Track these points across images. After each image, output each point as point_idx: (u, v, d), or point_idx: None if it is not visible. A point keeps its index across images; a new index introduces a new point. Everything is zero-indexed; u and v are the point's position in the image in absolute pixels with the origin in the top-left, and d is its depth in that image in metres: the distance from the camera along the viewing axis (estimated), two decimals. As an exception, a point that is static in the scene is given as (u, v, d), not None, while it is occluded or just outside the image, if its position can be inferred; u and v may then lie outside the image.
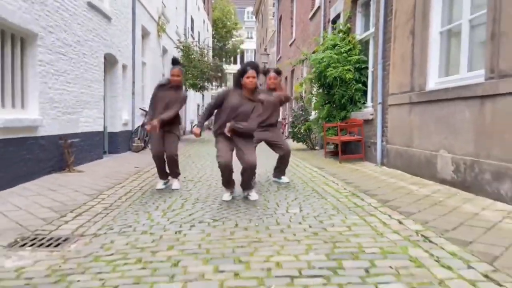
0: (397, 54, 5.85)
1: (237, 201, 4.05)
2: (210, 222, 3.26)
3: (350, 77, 7.44)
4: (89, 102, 7.16)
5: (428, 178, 4.81)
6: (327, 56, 7.75)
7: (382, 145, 6.33)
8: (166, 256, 2.45)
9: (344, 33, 8.22)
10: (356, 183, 4.88)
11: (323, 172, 5.88)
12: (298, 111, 10.60)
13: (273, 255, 2.38)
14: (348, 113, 7.84)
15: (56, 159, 5.91)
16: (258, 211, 3.57)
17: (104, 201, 4.22)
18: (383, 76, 6.33)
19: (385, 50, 6.31)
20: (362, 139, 7.03)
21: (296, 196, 4.19)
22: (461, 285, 1.90)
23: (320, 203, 3.82)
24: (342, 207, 3.63)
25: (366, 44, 7.83)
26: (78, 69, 6.66)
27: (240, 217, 3.39)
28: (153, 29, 12.31)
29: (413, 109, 5.31)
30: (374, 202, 3.77)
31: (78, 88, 6.67)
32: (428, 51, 5.08)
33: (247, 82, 3.98)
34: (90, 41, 7.14)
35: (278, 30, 20.57)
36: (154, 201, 4.18)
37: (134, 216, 3.56)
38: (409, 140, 5.38)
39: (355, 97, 7.64)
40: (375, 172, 5.75)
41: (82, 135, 6.87)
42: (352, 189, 4.48)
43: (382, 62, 6.32)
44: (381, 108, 6.35)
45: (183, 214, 3.54)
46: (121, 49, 8.97)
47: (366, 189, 4.45)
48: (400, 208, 3.48)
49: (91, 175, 5.83)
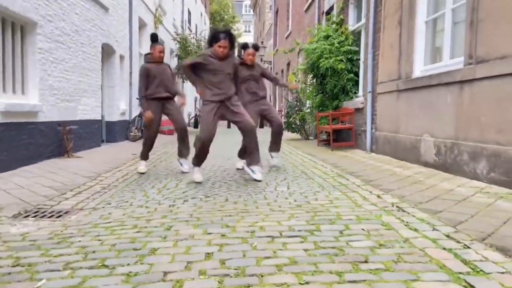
0: (386, 43, 6.04)
1: (229, 181, 4.25)
2: (202, 198, 3.47)
3: (342, 67, 7.63)
4: (87, 91, 7.34)
5: (413, 162, 5.03)
6: (320, 47, 7.94)
7: (371, 132, 6.54)
8: (160, 222, 2.66)
9: (337, 24, 8.40)
10: (343, 166, 5.09)
11: (314, 158, 6.09)
12: (293, 101, 10.79)
13: (258, 222, 2.59)
14: (340, 103, 8.04)
15: (55, 144, 6.11)
16: (248, 189, 3.78)
17: (102, 182, 4.42)
18: (373, 65, 6.53)
19: (375, 40, 6.50)
20: (353, 127, 7.25)
21: (285, 177, 4.40)
22: (423, 242, 2.11)
23: (307, 183, 4.04)
24: (327, 185, 3.85)
25: (358, 35, 8.02)
26: (76, 58, 6.83)
27: (231, 194, 3.60)
28: (150, 20, 12.44)
29: (400, 96, 5.51)
30: (358, 182, 3.98)
31: (76, 77, 6.85)
32: (414, 40, 5.28)
33: (217, 51, 4.06)
34: (87, 31, 7.30)
35: (275, 23, 20.70)
36: (150, 181, 4.38)
37: (130, 193, 3.77)
38: (396, 127, 5.59)
39: (347, 87, 7.84)
40: (363, 158, 5.97)
41: (81, 123, 7.05)
42: (339, 171, 4.70)
43: (372, 52, 6.52)
44: (371, 97, 6.55)
45: (177, 192, 3.75)
46: (118, 39, 9.13)
47: (353, 171, 4.67)
48: (381, 186, 3.70)
49: (89, 161, 6.03)
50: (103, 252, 2.11)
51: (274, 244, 2.14)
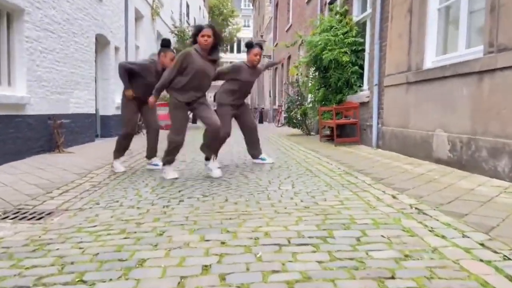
0: (394, 33, 5.73)
1: (228, 179, 3.96)
2: (200, 197, 3.17)
3: (346, 60, 7.32)
4: (80, 83, 7.02)
5: (424, 158, 4.74)
6: (323, 39, 7.62)
7: (377, 127, 6.25)
8: (152, 227, 2.36)
9: (341, 15, 8.07)
10: (350, 163, 4.80)
11: (317, 155, 5.80)
12: (294, 96, 10.48)
13: (262, 226, 2.30)
14: (344, 97, 7.73)
15: (45, 139, 5.80)
16: (250, 188, 3.49)
17: (92, 180, 4.12)
18: (379, 57, 6.21)
19: (382, 30, 6.18)
20: (357, 122, 6.95)
21: (289, 175, 4.10)
22: (456, 252, 1.82)
23: (313, 181, 3.74)
24: (335, 184, 3.55)
25: (363, 26, 7.70)
26: (68, 48, 6.50)
27: (230, 193, 3.31)
28: (146, 12, 12.09)
29: (409, 89, 5.21)
30: (368, 180, 3.69)
31: (68, 68, 6.52)
32: (426, 29, 4.97)
33: (201, 41, 3.85)
34: (80, 20, 6.96)
35: (274, 16, 20.33)
36: (144, 179, 4.09)
37: (122, 192, 3.47)
38: (405, 121, 5.30)
39: (351, 80, 7.53)
40: (370, 154, 5.67)
41: (73, 116, 6.74)
42: (346, 168, 4.40)
43: (379, 43, 6.20)
44: (377, 90, 6.25)
45: (173, 191, 3.45)
46: (113, 30, 8.79)
47: (360, 168, 4.37)
48: (394, 185, 3.41)
49: (81, 156, 5.72)
50: (83, 263, 1.81)
51: (282, 254, 1.85)
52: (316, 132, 10.32)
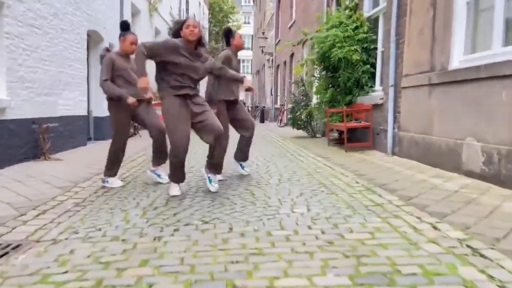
0: (413, 29, 5.19)
1: (232, 196, 3.44)
2: (199, 224, 2.65)
3: (357, 58, 6.80)
4: (70, 83, 6.49)
5: (451, 170, 4.22)
6: (332, 35, 7.09)
7: (393, 132, 5.72)
8: (136, 276, 1.84)
9: (351, 10, 7.53)
10: (368, 175, 4.28)
11: (328, 162, 5.28)
12: (299, 96, 9.95)
13: (279, 277, 1.78)
14: (354, 98, 7.21)
15: (30, 145, 5.28)
16: (258, 210, 2.97)
17: (77, 195, 3.61)
18: (396, 55, 5.68)
19: (398, 26, 5.64)
20: (370, 125, 6.42)
21: (301, 191, 3.58)
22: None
23: (331, 200, 3.22)
24: (357, 205, 3.03)
25: (375, 22, 7.16)
26: (56, 46, 5.97)
27: (235, 217, 2.79)
28: (144, 7, 11.54)
29: (433, 91, 4.68)
30: (395, 200, 3.17)
31: (56, 67, 5.99)
32: (453, 24, 4.43)
33: (187, 33, 3.32)
34: (70, 14, 6.43)
35: (276, 12, 19.76)
36: (135, 195, 3.57)
37: (107, 215, 2.95)
38: (427, 127, 4.77)
39: (362, 80, 7.00)
40: (386, 162, 5.15)
41: (62, 120, 6.21)
42: (365, 182, 3.88)
43: (395, 40, 5.67)
44: (393, 91, 5.72)
45: (167, 214, 2.94)
46: (107, 26, 8.25)
47: (382, 182, 3.85)
48: (428, 208, 2.89)
49: (69, 164, 5.21)
50: None
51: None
52: (322, 134, 9.79)
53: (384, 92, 6.12)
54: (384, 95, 6.10)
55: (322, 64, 7.59)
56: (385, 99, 6.07)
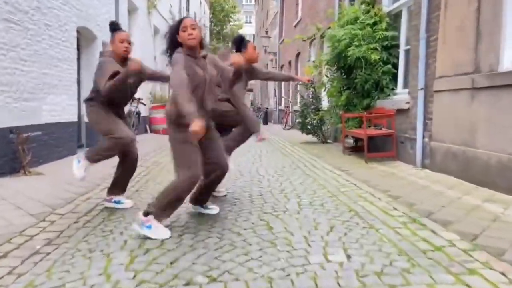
0: (450, 24, 4.49)
1: (244, 231, 2.73)
2: (203, 284, 1.95)
3: (376, 57, 6.09)
4: (56, 86, 5.79)
5: (504, 191, 3.51)
6: (348, 33, 6.38)
7: (423, 141, 5.01)
8: None
9: (368, 4, 6.82)
10: (404, 196, 3.57)
11: (350, 178, 4.57)
12: (308, 98, 9.24)
13: None
14: (372, 101, 6.50)
15: (7, 158, 4.58)
16: (280, 257, 2.26)
17: (51, 227, 2.92)
18: (426, 54, 4.97)
19: (429, 22, 4.94)
20: (393, 133, 5.71)
21: (331, 224, 2.87)
22: None
23: (373, 240, 2.51)
24: (411, 250, 2.32)
25: (395, 18, 6.46)
26: (39, 44, 5.27)
27: (252, 270, 2.08)
28: (142, 4, 10.85)
29: (477, 96, 3.98)
30: (456, 240, 2.46)
31: (39, 68, 5.29)
32: (503, 18, 3.73)
33: (185, 37, 2.63)
34: (56, 9, 5.73)
35: (280, 10, 19.05)
36: (123, 228, 2.86)
37: (84, 262, 2.25)
38: (470, 138, 4.07)
39: (381, 82, 6.30)
40: (419, 177, 4.44)
41: (46, 127, 5.52)
42: (406, 209, 3.17)
43: (426, 37, 4.96)
44: (423, 95, 5.01)
45: (161, 262, 2.23)
46: (100, 23, 7.54)
47: (426, 209, 3.15)
48: (507, 254, 2.18)
49: (51, 180, 4.50)
50: None
51: None
52: (333, 139, 9.09)
53: (411, 95, 5.41)
54: (411, 99, 5.39)
55: (336, 64, 6.89)
56: (411, 103, 5.37)
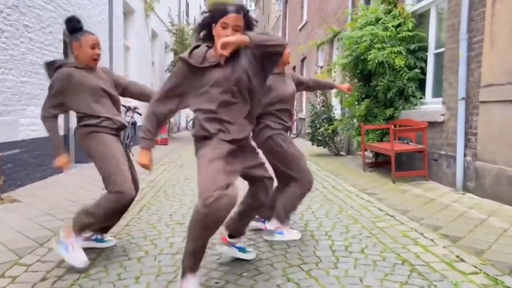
0: (501, 22, 3.77)
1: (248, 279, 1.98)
2: None
3: (400, 62, 5.39)
4: (37, 96, 5.06)
5: None
6: (367, 33, 5.68)
7: (465, 160, 4.28)
8: None
9: (389, 4, 6.12)
10: (464, 238, 2.83)
11: (382, 205, 3.83)
12: (319, 107, 8.51)
13: None
14: (396, 112, 5.79)
15: (-27, 184, 3.84)
16: None
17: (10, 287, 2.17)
18: (468, 58, 4.26)
19: (471, 20, 4.23)
20: (425, 149, 4.97)
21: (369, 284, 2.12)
22: None
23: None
24: None
25: (421, 19, 5.77)
26: (16, 48, 4.54)
27: None
28: (139, 7, 10.16)
29: (545, 109, 3.26)
30: None
31: (16, 76, 4.56)
32: None
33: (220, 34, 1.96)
34: (37, 8, 5.01)
35: (283, 14, 18.40)
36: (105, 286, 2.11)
37: None
38: (534, 160, 3.34)
39: (407, 90, 5.58)
40: (466, 206, 3.70)
41: (25, 144, 4.78)
42: (476, 260, 2.42)
43: (467, 38, 4.25)
44: (464, 106, 4.29)
45: None
46: (91, 25, 6.83)
47: (504, 261, 2.41)
48: None
49: (25, 210, 3.75)
50: None
51: None
52: (346, 152, 8.36)
53: (446, 106, 4.68)
54: (446, 110, 4.67)
55: (354, 69, 6.17)
56: (447, 115, 4.64)
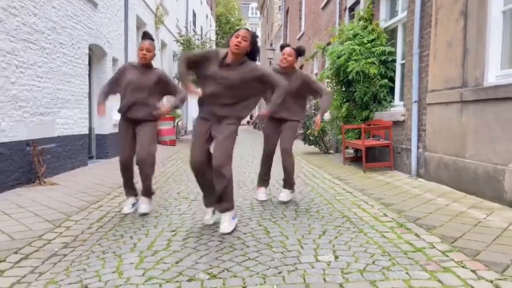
0: (440, 41, 4.75)
1: (243, 235, 2.97)
2: (205, 280, 2.19)
3: (374, 71, 6.36)
4: (69, 101, 6.12)
5: (490, 199, 3.72)
6: (347, 48, 6.67)
7: (418, 152, 5.24)
8: None
9: (366, 21, 7.13)
10: (396, 204, 3.80)
11: (347, 186, 4.80)
12: (311, 110, 9.51)
13: None
14: (371, 113, 6.76)
15: (23, 169, 4.88)
16: (275, 258, 2.50)
17: (67, 232, 3.17)
18: (419, 68, 5.23)
19: (422, 38, 5.21)
20: (390, 144, 5.94)
21: (323, 228, 3.11)
22: None
23: (360, 242, 2.74)
24: (394, 251, 2.55)
25: (392, 33, 6.75)
26: (54, 61, 5.61)
27: (249, 268, 2.32)
28: (149, 20, 11.26)
29: (465, 109, 4.21)
30: (437, 242, 2.69)
31: (54, 84, 5.63)
32: (487, 35, 3.98)
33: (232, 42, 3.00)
34: (69, 28, 6.09)
35: (284, 24, 19.47)
36: (133, 232, 3.12)
37: (98, 262, 2.51)
38: (460, 148, 4.29)
39: (379, 95, 6.56)
40: (412, 186, 4.66)
41: (60, 140, 5.83)
42: (395, 215, 3.40)
43: (419, 52, 5.22)
44: (417, 108, 5.25)
45: (168, 261, 2.48)
46: (110, 40, 7.92)
47: (414, 215, 3.37)
48: (481, 255, 2.40)
49: (65, 190, 4.79)
50: None
51: None
52: (335, 150, 9.33)
53: (406, 108, 5.65)
54: (406, 111, 5.64)
55: (336, 78, 7.16)
56: (407, 115, 5.61)
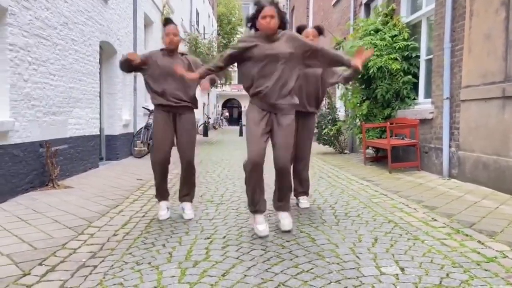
0: (476, 34, 4.50)
1: (287, 243, 2.71)
2: (262, 296, 1.94)
3: (397, 67, 6.12)
4: (81, 100, 5.86)
5: (542, 201, 3.48)
6: (367, 43, 6.43)
7: (450, 151, 4.99)
8: None
9: (386, 16, 6.88)
10: (440, 208, 3.54)
11: (379, 188, 4.55)
12: (325, 109, 9.26)
13: None
14: (393, 111, 6.51)
15: (37, 172, 4.62)
16: (331, 269, 2.24)
17: (92, 240, 2.92)
18: (451, 63, 4.99)
19: (453, 31, 4.96)
20: (417, 143, 5.69)
21: (373, 235, 2.85)
22: None
23: (421, 251, 2.49)
24: (464, 262, 2.29)
25: (414, 29, 6.50)
26: (66, 58, 5.35)
27: (307, 282, 2.07)
28: (156, 18, 11.00)
29: (509, 105, 3.96)
30: (507, 250, 2.44)
31: (66, 82, 5.37)
32: (533, 26, 3.74)
33: (262, 24, 2.82)
34: (81, 24, 5.84)
35: (290, 23, 19.21)
36: (164, 240, 2.86)
37: (134, 274, 2.25)
38: (502, 147, 4.04)
39: (402, 92, 6.32)
40: (449, 188, 4.41)
41: (72, 140, 5.57)
42: (446, 220, 3.15)
43: (450, 46, 4.98)
44: (449, 105, 5.00)
45: (213, 274, 2.22)
46: (120, 37, 7.67)
47: (466, 220, 3.12)
48: None
49: (80, 193, 4.53)
50: None
51: None
52: (350, 150, 9.08)
53: (435, 105, 5.40)
54: (435, 108, 5.39)
55: (355, 74, 6.91)
56: (435, 113, 5.36)
